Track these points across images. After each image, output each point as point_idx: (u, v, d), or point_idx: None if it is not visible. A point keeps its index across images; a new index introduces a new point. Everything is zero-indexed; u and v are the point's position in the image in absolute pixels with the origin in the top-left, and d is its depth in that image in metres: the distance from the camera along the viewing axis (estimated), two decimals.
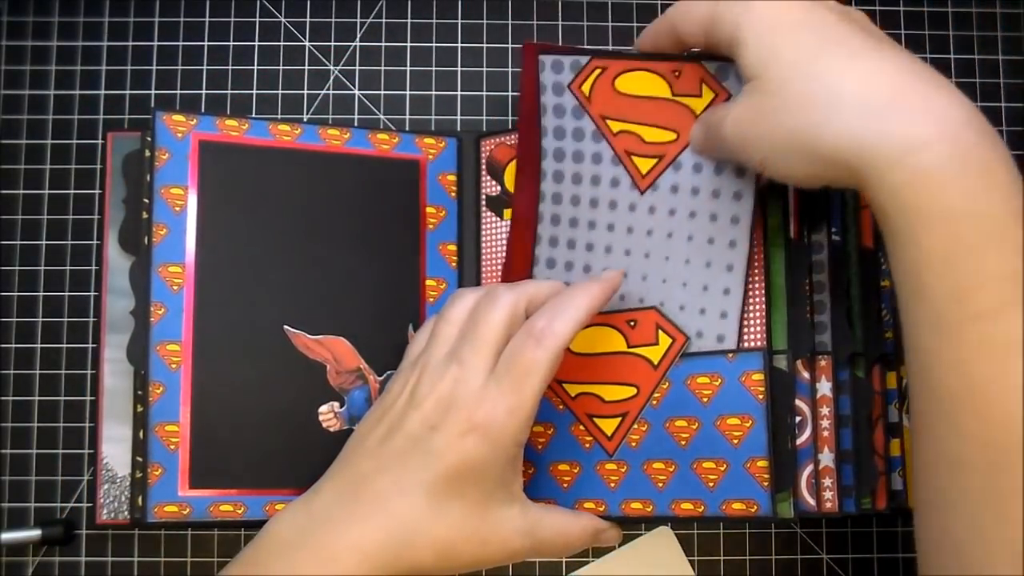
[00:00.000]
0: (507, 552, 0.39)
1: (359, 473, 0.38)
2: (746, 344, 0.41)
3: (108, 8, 0.51)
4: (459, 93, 0.51)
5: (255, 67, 0.51)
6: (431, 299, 0.47)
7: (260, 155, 0.45)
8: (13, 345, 0.48)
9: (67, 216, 0.49)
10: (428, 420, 0.38)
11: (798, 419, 0.42)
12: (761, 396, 0.40)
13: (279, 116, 0.50)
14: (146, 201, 0.44)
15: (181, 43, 0.51)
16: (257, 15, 0.51)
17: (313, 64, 0.51)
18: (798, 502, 0.41)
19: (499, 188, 0.47)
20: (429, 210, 0.47)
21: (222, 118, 0.45)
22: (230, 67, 0.51)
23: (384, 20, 0.51)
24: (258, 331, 0.44)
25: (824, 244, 0.43)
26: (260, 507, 0.43)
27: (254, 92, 0.50)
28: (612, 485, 0.42)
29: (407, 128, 0.50)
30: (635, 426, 0.42)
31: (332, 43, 0.51)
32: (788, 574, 0.48)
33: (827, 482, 0.41)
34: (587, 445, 0.43)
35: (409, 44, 0.51)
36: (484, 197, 0.48)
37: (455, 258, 0.48)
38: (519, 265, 0.44)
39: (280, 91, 0.51)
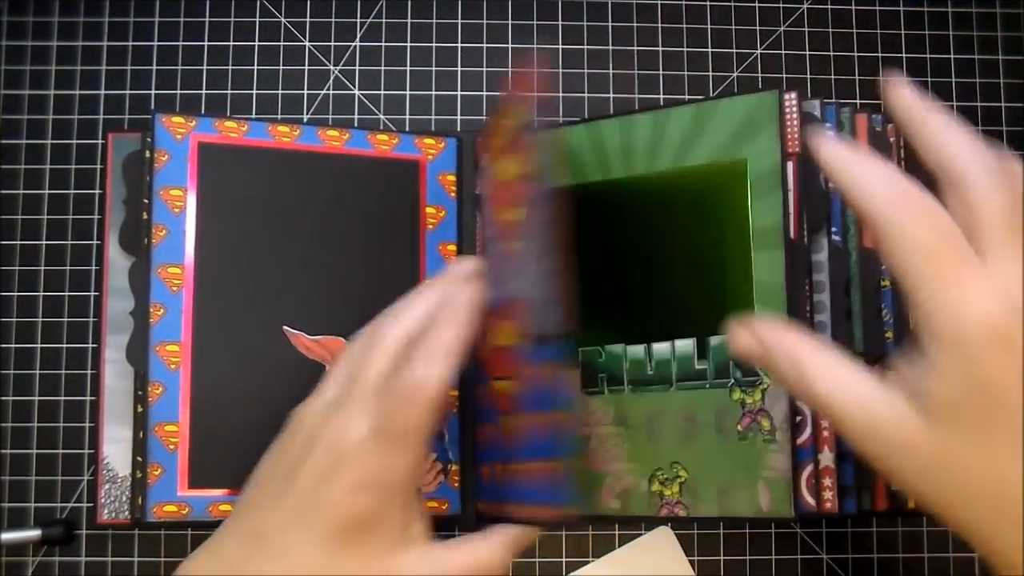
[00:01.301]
0: None
1: (261, 522, 0.37)
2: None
3: (108, 8, 0.51)
4: (459, 93, 0.51)
5: (255, 67, 0.51)
6: None
7: (259, 156, 0.45)
8: (13, 345, 0.48)
9: (67, 216, 0.49)
10: (318, 471, 0.36)
11: (798, 419, 0.42)
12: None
13: (279, 116, 0.50)
14: (146, 202, 0.44)
15: (181, 43, 0.51)
16: (257, 15, 0.51)
17: (313, 64, 0.51)
18: (798, 502, 0.41)
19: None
20: (429, 210, 0.47)
21: (221, 120, 0.45)
22: (230, 67, 0.51)
23: (384, 20, 0.51)
24: (257, 332, 0.44)
25: (824, 244, 0.43)
26: None
27: (254, 92, 0.50)
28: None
29: (407, 128, 0.50)
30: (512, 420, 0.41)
31: (332, 43, 0.51)
32: (788, 574, 0.48)
33: (827, 482, 0.41)
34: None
35: (409, 44, 0.51)
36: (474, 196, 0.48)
37: (455, 258, 0.48)
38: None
39: (280, 91, 0.51)
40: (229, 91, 0.50)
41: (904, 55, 0.52)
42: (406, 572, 0.36)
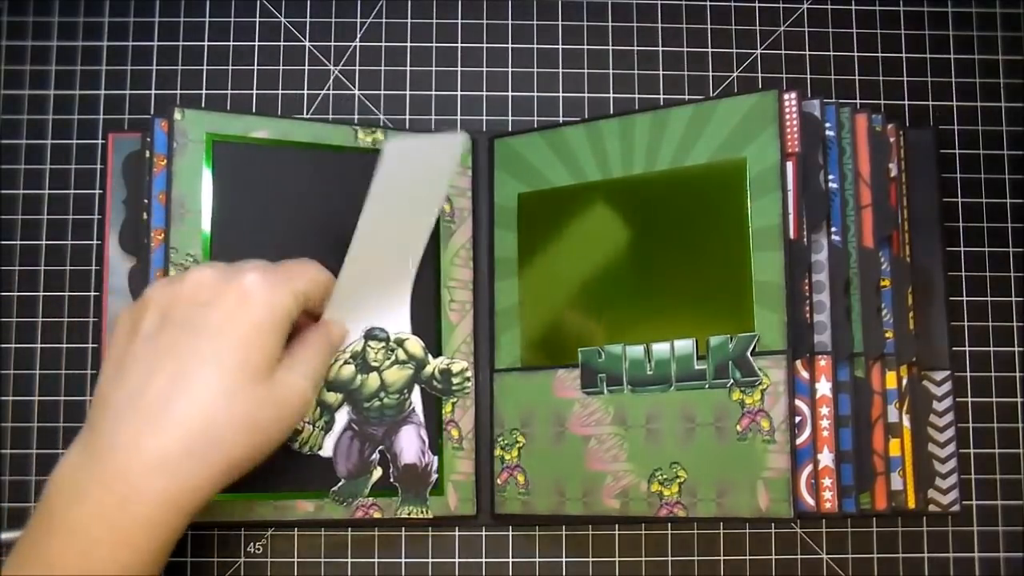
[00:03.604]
0: (303, 402, 0.39)
1: (130, 386, 0.36)
2: None
3: (108, 8, 0.51)
4: (459, 93, 0.51)
5: (255, 67, 0.51)
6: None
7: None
8: (13, 345, 0.48)
9: (67, 216, 0.49)
10: (196, 299, 0.37)
11: (797, 419, 0.42)
12: None
13: (279, 116, 0.50)
14: (145, 202, 0.44)
15: (181, 43, 0.51)
16: (257, 15, 0.51)
17: (313, 64, 0.51)
18: (797, 502, 0.41)
19: None
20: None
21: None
22: (230, 67, 0.51)
23: (384, 20, 0.51)
24: None
25: (824, 244, 0.43)
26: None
27: (254, 92, 0.50)
28: None
29: (407, 128, 0.50)
30: None
31: (332, 43, 0.51)
32: (788, 574, 0.48)
33: (827, 482, 0.41)
34: None
35: (409, 44, 0.51)
36: None
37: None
38: None
39: (280, 91, 0.51)
40: (229, 91, 0.50)
41: (904, 55, 0.52)
42: (289, 377, 0.39)
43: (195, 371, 0.36)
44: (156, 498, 0.34)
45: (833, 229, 0.44)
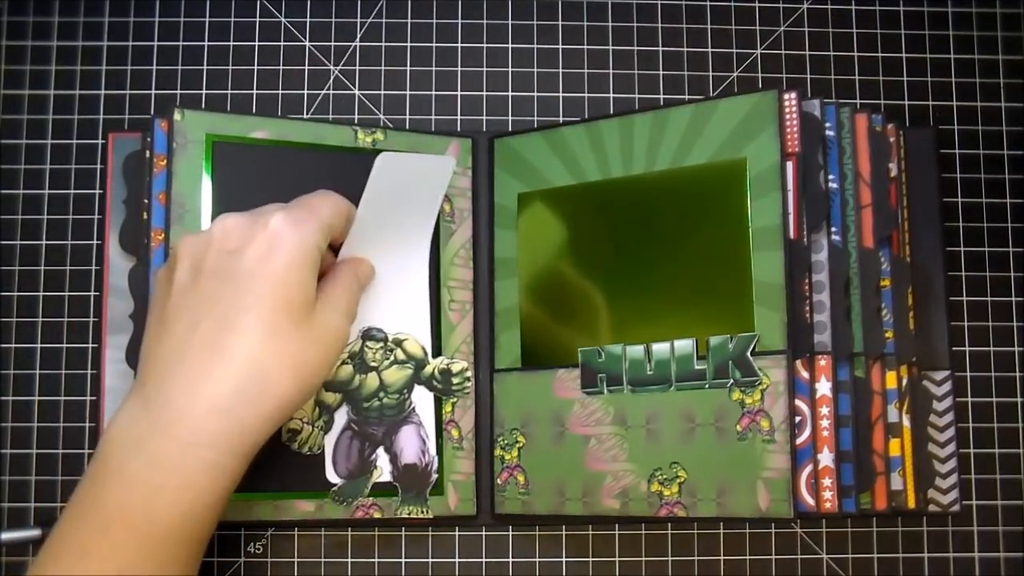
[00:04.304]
0: (342, 339, 0.40)
1: (175, 339, 0.37)
2: None
3: (108, 8, 0.51)
4: (459, 93, 0.51)
5: (255, 67, 0.51)
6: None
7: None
8: (13, 345, 0.48)
9: (67, 216, 0.49)
10: (226, 247, 0.38)
11: (797, 419, 0.42)
12: None
13: (279, 116, 0.50)
14: (146, 202, 0.44)
15: (181, 43, 0.51)
16: (257, 15, 0.51)
17: (313, 64, 0.51)
18: (797, 502, 0.41)
19: None
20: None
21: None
22: (230, 67, 0.51)
23: (384, 20, 0.51)
24: None
25: (824, 244, 0.43)
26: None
27: (254, 92, 0.50)
28: None
29: (407, 128, 0.50)
30: None
31: (332, 43, 0.51)
32: (788, 574, 0.48)
33: (827, 482, 0.41)
34: None
35: (409, 44, 0.51)
36: None
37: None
38: None
39: (280, 91, 0.51)
40: (229, 91, 0.50)
41: (904, 55, 0.52)
42: (328, 313, 0.39)
43: (237, 318, 0.36)
44: (214, 439, 0.35)
45: (833, 229, 0.44)
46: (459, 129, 0.50)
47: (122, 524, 0.35)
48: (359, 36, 0.51)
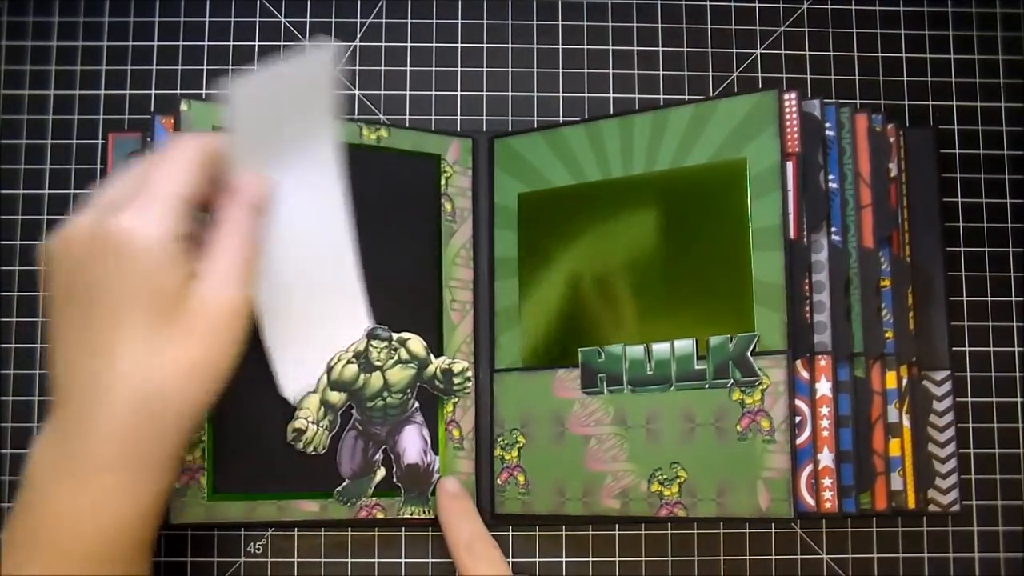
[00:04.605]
0: (237, 310, 0.36)
1: (65, 363, 0.35)
2: None
3: (108, 8, 0.51)
4: (459, 93, 0.51)
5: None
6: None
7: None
8: (13, 345, 0.48)
9: (67, 216, 0.49)
10: (75, 266, 0.35)
11: (797, 419, 0.42)
12: None
13: None
14: None
15: (181, 43, 0.51)
16: (257, 15, 0.51)
17: None
18: (798, 502, 0.41)
19: None
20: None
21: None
22: (230, 67, 0.51)
23: (384, 20, 0.51)
24: None
25: (824, 244, 0.43)
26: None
27: None
28: None
29: (407, 128, 0.50)
30: None
31: (332, 43, 0.51)
32: (788, 574, 0.48)
33: (827, 482, 0.41)
34: None
35: (409, 44, 0.51)
36: None
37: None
38: None
39: None
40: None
41: (904, 55, 0.52)
42: (209, 296, 0.36)
43: (112, 343, 0.34)
44: (124, 462, 0.34)
45: (833, 229, 0.44)
46: (459, 129, 0.50)
47: (55, 549, 0.34)
48: (359, 36, 0.51)
